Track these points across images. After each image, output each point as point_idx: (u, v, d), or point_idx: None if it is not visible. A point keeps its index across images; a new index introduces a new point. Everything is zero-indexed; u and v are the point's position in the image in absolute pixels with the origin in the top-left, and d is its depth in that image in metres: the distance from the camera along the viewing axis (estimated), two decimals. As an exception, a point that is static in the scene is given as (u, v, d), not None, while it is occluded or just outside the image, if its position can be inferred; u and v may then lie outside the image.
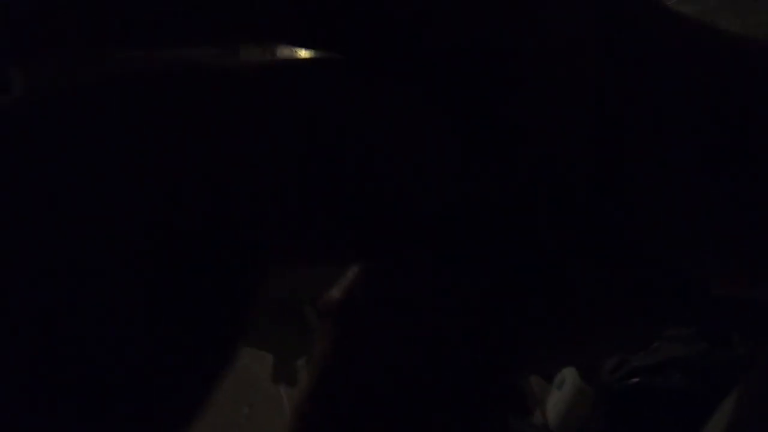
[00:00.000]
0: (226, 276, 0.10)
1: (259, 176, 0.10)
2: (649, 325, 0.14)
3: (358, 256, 0.12)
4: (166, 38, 0.11)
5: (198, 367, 0.10)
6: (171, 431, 0.10)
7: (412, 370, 0.11)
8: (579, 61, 0.12)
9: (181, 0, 0.10)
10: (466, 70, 0.12)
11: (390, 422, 0.11)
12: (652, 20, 0.13)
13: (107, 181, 0.09)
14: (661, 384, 0.87)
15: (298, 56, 0.11)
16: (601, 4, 0.13)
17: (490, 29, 0.12)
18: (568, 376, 0.97)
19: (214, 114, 0.10)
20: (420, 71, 0.12)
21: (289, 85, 0.11)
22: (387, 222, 0.11)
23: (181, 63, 0.10)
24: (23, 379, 0.09)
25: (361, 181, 0.11)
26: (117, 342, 0.10)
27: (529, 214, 0.12)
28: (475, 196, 0.12)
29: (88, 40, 0.10)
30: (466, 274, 0.12)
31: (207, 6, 0.11)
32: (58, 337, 0.09)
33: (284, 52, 0.11)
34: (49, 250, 0.09)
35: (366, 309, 0.12)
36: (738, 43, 0.14)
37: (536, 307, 0.12)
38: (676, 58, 0.13)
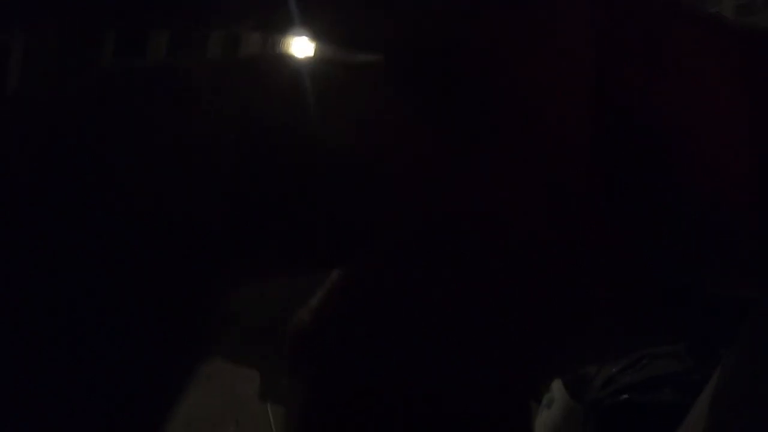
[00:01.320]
0: (194, 284, 0.10)
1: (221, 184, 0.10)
2: (640, 329, 0.14)
3: (330, 262, 0.11)
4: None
5: (168, 370, 0.10)
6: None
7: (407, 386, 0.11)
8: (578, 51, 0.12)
9: None
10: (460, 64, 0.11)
11: None
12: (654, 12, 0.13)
13: (97, 183, 0.10)
14: (651, 399, 0.87)
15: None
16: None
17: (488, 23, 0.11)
18: (557, 394, 0.97)
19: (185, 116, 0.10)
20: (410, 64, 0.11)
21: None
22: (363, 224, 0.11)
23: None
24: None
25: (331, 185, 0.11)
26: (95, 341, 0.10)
27: (525, 212, 0.11)
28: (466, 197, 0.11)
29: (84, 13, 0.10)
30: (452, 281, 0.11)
31: None
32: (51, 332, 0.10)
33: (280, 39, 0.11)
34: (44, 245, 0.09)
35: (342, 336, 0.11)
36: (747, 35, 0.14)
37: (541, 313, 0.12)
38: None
